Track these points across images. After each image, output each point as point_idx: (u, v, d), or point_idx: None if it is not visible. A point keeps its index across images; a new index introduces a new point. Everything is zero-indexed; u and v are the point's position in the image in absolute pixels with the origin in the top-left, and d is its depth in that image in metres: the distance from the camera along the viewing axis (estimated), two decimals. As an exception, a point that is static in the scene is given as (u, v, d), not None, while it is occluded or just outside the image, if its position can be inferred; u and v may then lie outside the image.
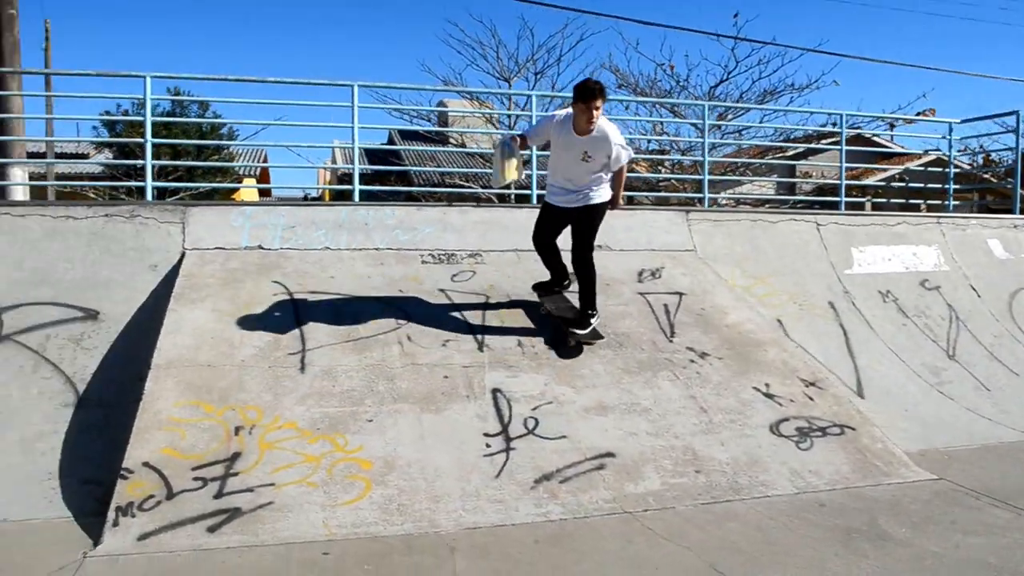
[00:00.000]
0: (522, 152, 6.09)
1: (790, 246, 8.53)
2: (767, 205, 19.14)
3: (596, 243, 7.77)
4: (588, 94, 5.58)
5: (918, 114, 21.61)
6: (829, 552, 4.08)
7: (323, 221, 7.29)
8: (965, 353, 7.93)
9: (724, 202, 19.00)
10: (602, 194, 6.05)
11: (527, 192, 9.83)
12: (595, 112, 5.63)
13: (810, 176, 22.18)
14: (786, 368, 6.22)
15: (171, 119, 16.64)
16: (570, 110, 5.79)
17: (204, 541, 4.15)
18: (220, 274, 6.52)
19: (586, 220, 6.08)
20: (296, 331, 5.91)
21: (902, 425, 6.42)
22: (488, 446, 5.02)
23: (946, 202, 11.24)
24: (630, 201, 12.22)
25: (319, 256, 7.00)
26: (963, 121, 11.47)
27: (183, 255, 6.74)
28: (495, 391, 5.51)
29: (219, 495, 4.45)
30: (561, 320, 6.29)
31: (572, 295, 6.55)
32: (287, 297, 6.31)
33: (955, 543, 4.23)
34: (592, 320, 6.16)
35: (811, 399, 5.89)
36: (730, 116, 21.22)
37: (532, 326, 6.37)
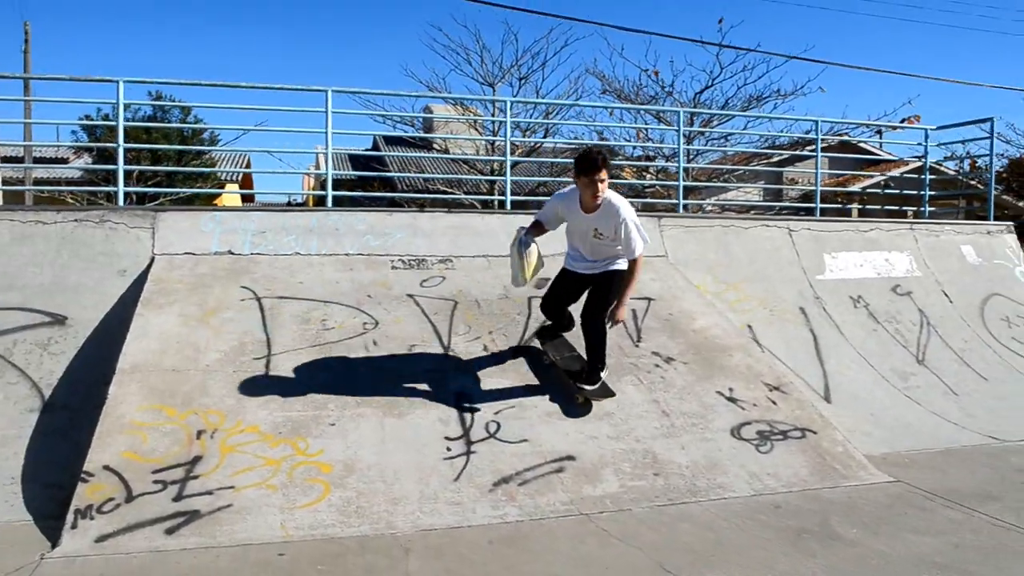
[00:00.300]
0: (539, 238, 5.70)
1: (762, 252, 8.61)
2: (753, 211, 19.28)
3: (560, 248, 7.93)
4: (590, 166, 5.15)
5: (903, 121, 21.72)
6: (778, 552, 4.13)
7: (294, 227, 7.32)
8: (935, 358, 8.01)
9: (709, 208, 19.08)
10: (619, 265, 5.55)
11: (501, 198, 9.87)
12: (600, 185, 5.19)
13: (796, 183, 22.30)
14: (751, 373, 6.28)
15: (150, 124, 16.66)
16: (574, 186, 5.39)
17: (162, 543, 4.18)
18: (189, 279, 6.55)
19: (606, 285, 5.54)
20: (262, 336, 5.94)
21: (867, 429, 6.48)
22: (449, 449, 5.06)
23: (922, 208, 11.33)
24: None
25: (289, 261, 7.03)
26: (939, 128, 11.57)
27: (152, 260, 6.76)
28: (459, 395, 5.56)
29: (178, 498, 4.48)
30: (566, 373, 5.80)
31: (573, 337, 6.16)
32: (255, 302, 6.34)
33: (904, 543, 4.29)
34: (602, 374, 5.67)
35: (774, 403, 5.95)
36: (715, 123, 21.34)
37: (499, 331, 6.41)
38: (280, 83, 8.70)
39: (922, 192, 11.26)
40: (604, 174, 5.18)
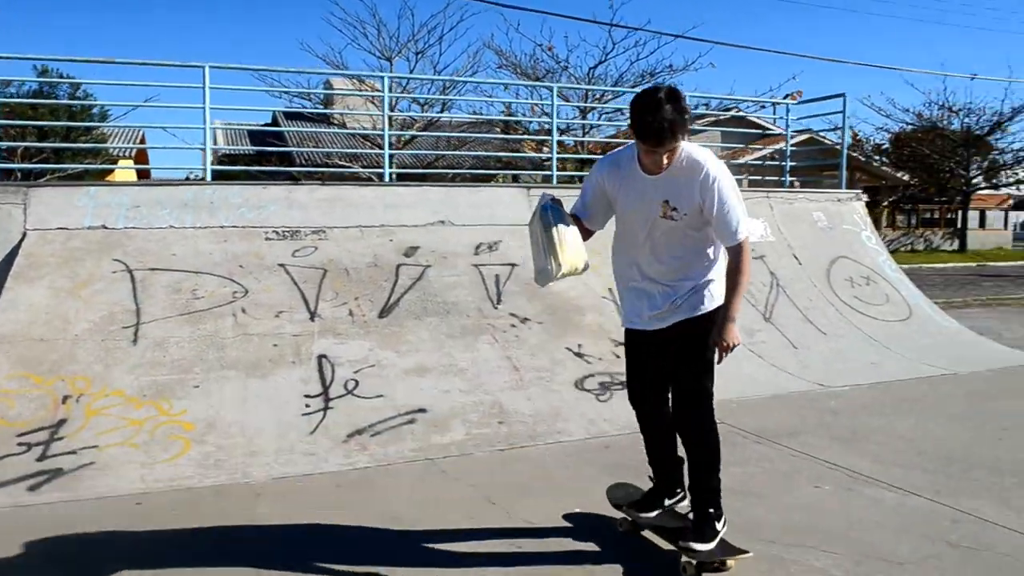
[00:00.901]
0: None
1: (626, 220, 9.13)
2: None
3: (439, 218, 8.32)
4: (653, 132, 3.21)
5: (786, 96, 22.70)
6: (595, 484, 4.63)
7: (168, 200, 7.50)
8: (781, 316, 8.69)
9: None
10: (712, 292, 3.52)
11: (379, 171, 10.18)
12: (674, 150, 3.30)
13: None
14: (601, 331, 6.80)
15: (36, 100, 16.33)
16: (628, 146, 3.56)
17: (24, 499, 4.43)
18: (61, 253, 6.70)
19: (689, 343, 3.50)
20: (132, 306, 6.17)
21: (709, 380, 7.08)
22: (308, 406, 5.43)
23: (782, 178, 12.09)
24: (478, 179, 12.64)
25: (163, 235, 7.23)
26: (799, 103, 12.34)
27: (24, 235, 6.88)
28: (321, 357, 5.92)
29: (42, 458, 4.74)
30: (660, 532, 3.79)
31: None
32: (127, 274, 6.55)
33: (710, 473, 4.85)
34: (718, 525, 3.55)
35: (618, 357, 6.47)
36: (608, 97, 21.95)
37: (366, 297, 6.77)
38: (183, 60, 8.65)
39: (783, 163, 12.01)
40: (677, 136, 3.22)
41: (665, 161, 3.32)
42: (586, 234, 3.64)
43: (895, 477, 4.77)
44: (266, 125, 25.21)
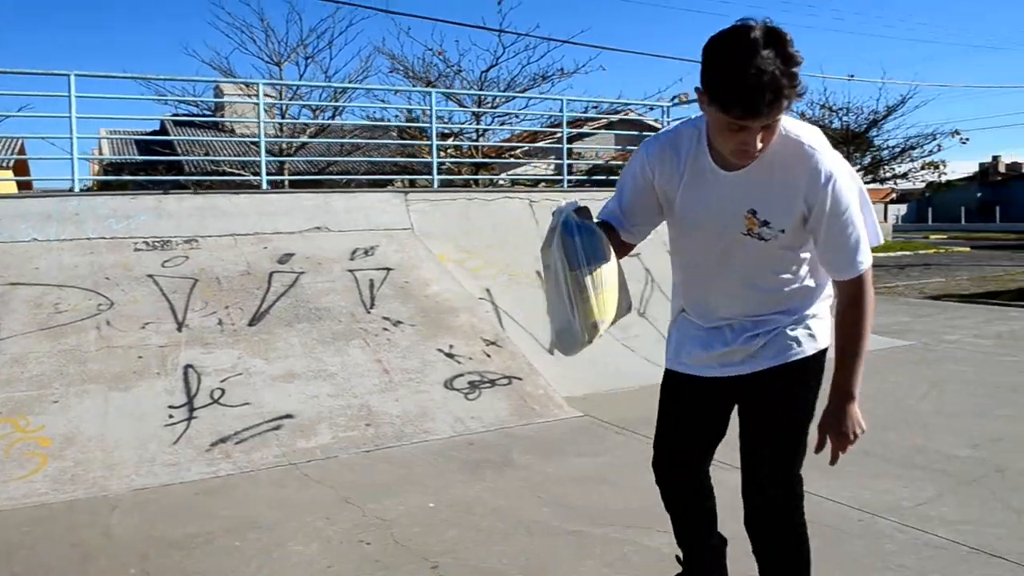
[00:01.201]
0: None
1: (504, 222, 9.33)
2: (542, 184, 20.21)
3: (315, 225, 8.34)
4: (743, 93, 1.96)
5: (673, 98, 23.36)
6: (455, 479, 4.78)
7: (30, 213, 7.33)
8: (654, 311, 9.00)
9: (501, 182, 19.86)
10: (813, 330, 2.45)
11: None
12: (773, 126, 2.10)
13: (581, 157, 23.59)
14: (473, 331, 6.96)
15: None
16: (692, 120, 2.39)
17: None
18: (-88, 270, 6.49)
19: (775, 405, 2.45)
20: (-11, 322, 6.03)
21: (580, 375, 7.30)
22: (171, 417, 5.41)
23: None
24: (348, 185, 12.68)
25: (25, 248, 7.06)
26: (674, 104, 12.80)
27: None
28: (187, 367, 5.89)
29: None
30: None
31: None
32: (-16, 289, 6.39)
33: (567, 464, 5.06)
34: None
35: (488, 356, 6.65)
36: (499, 102, 22.16)
37: (236, 306, 6.76)
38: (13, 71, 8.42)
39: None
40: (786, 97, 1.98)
41: (759, 144, 2.07)
42: (622, 250, 2.49)
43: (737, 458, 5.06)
44: (153, 133, 24.57)
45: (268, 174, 20.20)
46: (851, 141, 31.13)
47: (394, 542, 3.87)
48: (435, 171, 10.47)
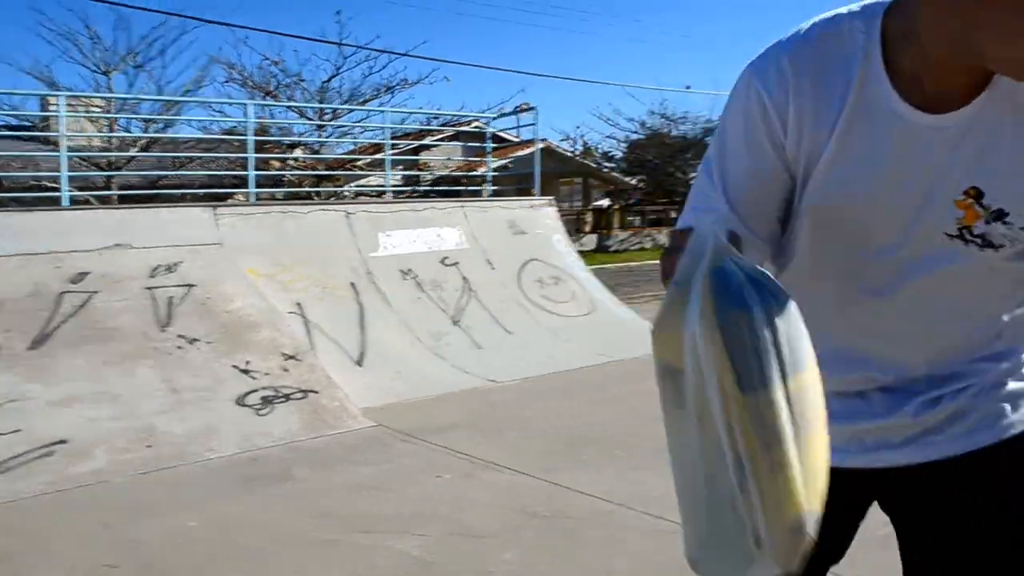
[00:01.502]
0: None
1: (319, 235, 9.32)
2: (390, 195, 20.19)
3: (115, 242, 8.10)
4: None
5: (516, 108, 23.82)
6: (226, 496, 4.77)
7: None
8: (470, 319, 9.20)
9: (346, 194, 19.70)
10: None
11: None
12: None
13: (428, 167, 23.72)
14: (272, 346, 6.93)
15: None
16: (860, 10, 1.15)
17: None
18: None
19: (995, 518, 1.26)
20: None
21: (387, 385, 7.40)
22: (-70, 448, 5.16)
23: (488, 187, 12.79)
24: (183, 199, 12.42)
25: None
26: (496, 117, 13.11)
27: None
28: (-47, 395, 5.63)
29: None
30: None
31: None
32: None
33: (347, 474, 5.13)
34: None
35: (286, 371, 6.64)
36: (341, 113, 22.04)
37: (18, 329, 6.48)
38: None
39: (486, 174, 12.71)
40: None
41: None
42: (739, 246, 1.08)
43: (516, 461, 5.26)
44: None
45: (96, 189, 19.41)
46: (687, 149, 32.60)
47: (141, 565, 3.84)
48: (252, 184, 10.34)
